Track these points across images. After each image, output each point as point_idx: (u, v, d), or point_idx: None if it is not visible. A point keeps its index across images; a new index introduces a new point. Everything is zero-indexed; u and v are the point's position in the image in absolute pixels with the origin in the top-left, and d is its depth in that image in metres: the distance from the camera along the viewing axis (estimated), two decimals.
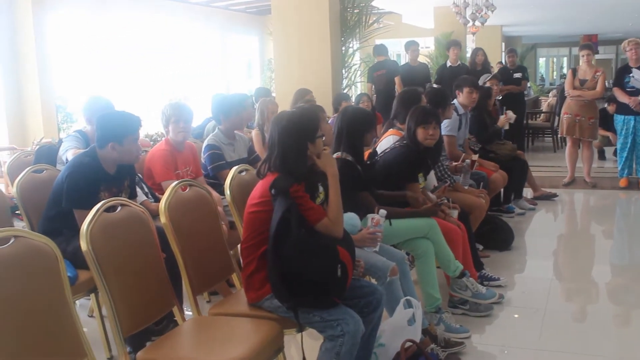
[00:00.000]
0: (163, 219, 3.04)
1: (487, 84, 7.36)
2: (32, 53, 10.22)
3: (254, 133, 6.00)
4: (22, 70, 10.28)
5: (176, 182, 3.26)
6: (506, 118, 7.11)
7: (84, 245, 2.60)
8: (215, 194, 4.12)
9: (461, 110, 6.12)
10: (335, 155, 3.78)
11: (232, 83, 16.48)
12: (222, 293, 4.21)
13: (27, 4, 10.14)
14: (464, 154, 5.73)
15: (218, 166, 4.79)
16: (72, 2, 11.57)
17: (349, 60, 9.77)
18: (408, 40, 10.14)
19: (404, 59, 13.44)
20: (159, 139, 6.92)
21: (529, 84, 13.71)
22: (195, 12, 14.99)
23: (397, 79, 9.35)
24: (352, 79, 9.94)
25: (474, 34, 13.01)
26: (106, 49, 12.73)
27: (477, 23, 11.85)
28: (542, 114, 14.01)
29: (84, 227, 2.63)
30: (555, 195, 7.92)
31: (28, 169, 4.20)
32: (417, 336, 3.44)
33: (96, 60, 12.51)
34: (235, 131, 5.08)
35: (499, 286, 4.75)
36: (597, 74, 8.24)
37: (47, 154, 4.83)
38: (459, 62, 10.16)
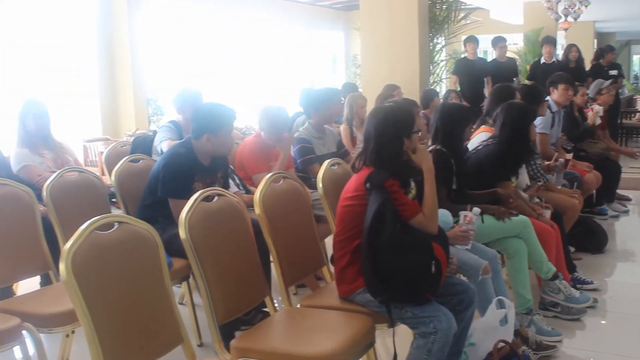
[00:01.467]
0: (257, 209, 3.07)
1: (604, 92, 7.10)
2: (127, 49, 10.56)
3: (343, 128, 6.01)
4: (117, 66, 10.65)
5: (271, 173, 3.29)
6: (594, 113, 6.85)
7: (182, 233, 2.65)
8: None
9: (554, 108, 5.95)
10: (430, 148, 3.75)
11: (317, 78, 16.56)
12: (310, 286, 4.23)
13: (123, 2, 10.48)
14: (556, 153, 5.58)
15: (308, 160, 4.82)
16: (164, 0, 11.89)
17: (437, 57, 9.68)
18: (495, 36, 9.92)
19: (490, 56, 13.18)
20: (247, 132, 7.02)
21: (623, 82, 13.21)
22: (282, 7, 15.13)
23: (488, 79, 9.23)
24: (440, 75, 9.84)
25: (565, 30, 12.62)
26: (195, 45, 13.01)
27: (570, 19, 11.48)
28: (637, 114, 13.48)
29: (183, 215, 2.68)
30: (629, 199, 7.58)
31: (125, 158, 4.32)
32: (509, 337, 3.38)
33: (185, 55, 12.81)
34: (325, 125, 5.10)
35: (593, 290, 4.60)
36: None
37: (143, 144, 4.97)
38: (553, 59, 9.88)
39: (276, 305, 3.23)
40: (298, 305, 3.26)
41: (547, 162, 5.32)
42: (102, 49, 10.55)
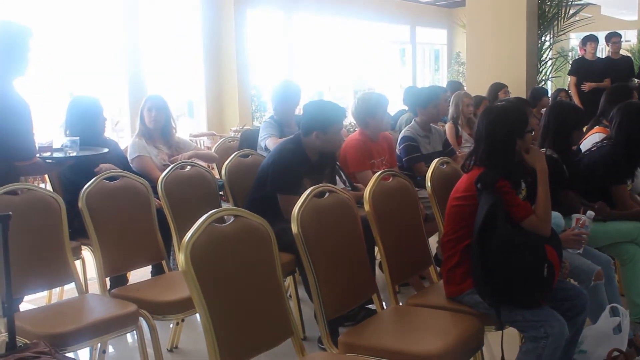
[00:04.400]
0: (367, 207, 3.09)
1: None
2: (232, 48, 10.85)
3: (448, 126, 5.95)
4: (224, 64, 10.95)
5: (380, 172, 3.30)
6: None
7: (294, 227, 2.69)
8: None
9: None
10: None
11: (420, 76, 16.47)
12: (414, 286, 4.21)
13: (230, 4, 10.77)
14: None
15: (413, 158, 4.80)
16: (268, 2, 12.11)
17: (545, 55, 9.42)
18: (609, 31, 9.51)
19: (600, 53, 12.71)
20: (351, 130, 7.06)
21: None
22: (385, 4, 15.10)
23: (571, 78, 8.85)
24: (547, 73, 9.57)
25: None
26: (297, 42, 13.18)
27: None
28: None
29: (295, 210, 2.73)
30: None
31: (235, 153, 4.43)
32: (623, 346, 3.25)
33: (288, 52, 13.00)
34: (431, 124, 5.07)
35: None
36: None
37: (250, 139, 5.08)
38: None
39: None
40: (400, 304, 3.25)
41: None
42: (207, 47, 10.87)
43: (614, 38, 9.24)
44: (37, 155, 3.63)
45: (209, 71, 10.96)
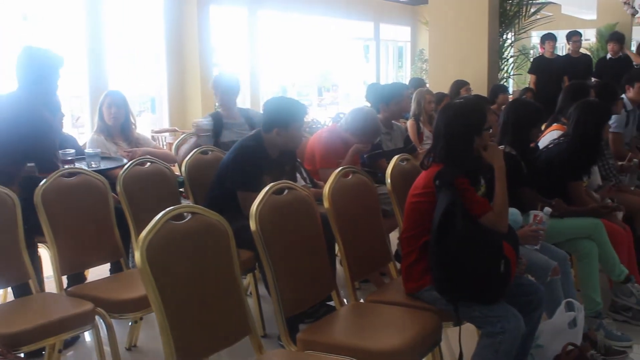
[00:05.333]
0: (326, 204, 3.08)
1: None
2: (195, 44, 10.76)
3: (409, 123, 5.99)
4: (186, 60, 10.86)
5: (340, 168, 3.30)
6: None
7: (252, 225, 2.68)
8: None
9: (630, 107, 5.77)
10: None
11: (383, 72, 16.53)
12: (374, 282, 4.23)
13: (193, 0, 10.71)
14: (630, 153, 5.41)
15: (375, 155, 4.81)
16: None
17: (506, 53, 9.52)
18: (570, 30, 9.69)
19: (561, 51, 12.89)
20: (314, 126, 7.05)
21: None
22: (349, 0, 15.11)
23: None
24: (508, 71, 9.67)
25: None
26: (261, 39, 13.14)
27: None
28: None
29: (254, 207, 2.71)
30: None
31: (195, 150, 4.39)
32: (578, 340, 3.31)
33: (250, 48, 12.94)
34: (393, 121, 5.09)
35: None
36: None
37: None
38: (619, 54, 9.55)
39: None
40: (361, 300, 3.27)
41: (620, 162, 5.18)
42: (170, 43, 10.78)
43: (574, 37, 9.41)
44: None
45: (172, 67, 10.86)
